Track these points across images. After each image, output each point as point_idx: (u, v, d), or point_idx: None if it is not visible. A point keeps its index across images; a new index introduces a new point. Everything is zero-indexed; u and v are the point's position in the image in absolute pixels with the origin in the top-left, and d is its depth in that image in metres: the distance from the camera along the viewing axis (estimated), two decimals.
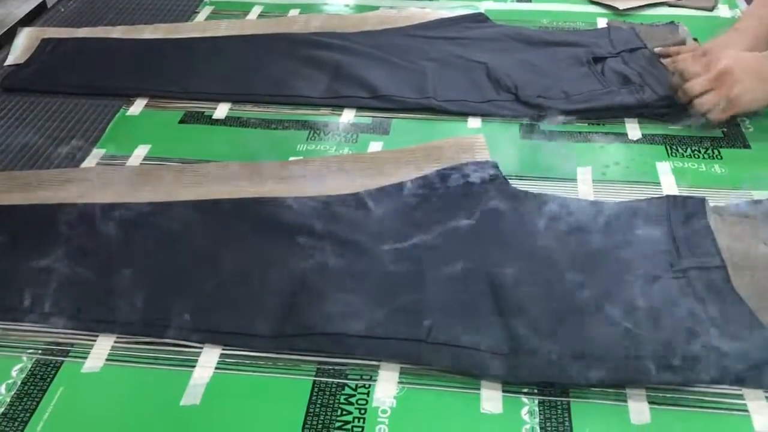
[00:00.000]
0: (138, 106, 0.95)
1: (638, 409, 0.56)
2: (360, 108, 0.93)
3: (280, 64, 1.01)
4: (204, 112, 0.93)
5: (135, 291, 0.65)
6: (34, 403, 0.57)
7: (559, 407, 0.56)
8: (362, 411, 0.56)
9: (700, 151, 0.83)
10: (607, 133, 0.87)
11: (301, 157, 0.84)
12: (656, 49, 0.97)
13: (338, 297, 0.64)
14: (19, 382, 0.59)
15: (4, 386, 0.59)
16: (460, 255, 0.67)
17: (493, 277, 0.64)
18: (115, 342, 0.62)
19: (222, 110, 0.93)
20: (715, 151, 0.83)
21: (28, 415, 0.56)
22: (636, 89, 0.89)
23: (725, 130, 0.87)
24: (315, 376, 0.59)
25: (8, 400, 0.57)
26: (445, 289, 0.64)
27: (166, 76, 1.00)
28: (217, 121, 0.92)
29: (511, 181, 0.77)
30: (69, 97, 0.96)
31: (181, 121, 0.92)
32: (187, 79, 0.99)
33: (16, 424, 0.56)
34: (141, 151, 0.86)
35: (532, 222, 0.71)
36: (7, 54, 1.06)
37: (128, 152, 0.86)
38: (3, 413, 0.56)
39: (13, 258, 0.69)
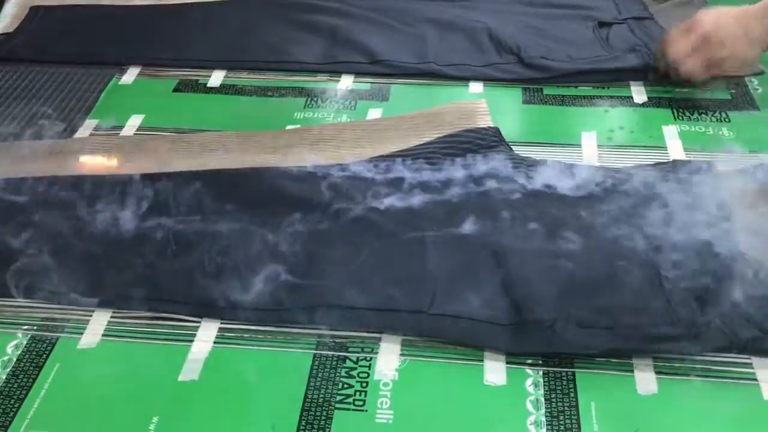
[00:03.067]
0: (131, 75, 0.93)
1: (645, 379, 0.55)
2: (358, 74, 0.91)
3: (275, 29, 0.99)
4: (198, 80, 0.91)
5: (130, 265, 0.64)
6: (30, 379, 0.56)
7: (564, 378, 0.55)
8: (364, 384, 0.55)
9: (707, 114, 0.81)
10: (611, 97, 0.85)
11: (299, 126, 0.82)
12: None
13: (338, 268, 0.63)
14: (15, 359, 0.58)
15: None
16: (462, 224, 0.66)
17: (496, 247, 0.63)
18: (111, 317, 0.61)
19: (217, 78, 0.91)
20: (723, 114, 0.81)
21: (24, 392, 0.55)
22: (642, 53, 0.87)
23: (733, 92, 0.84)
24: (315, 349, 0.58)
25: (3, 377, 0.57)
26: (447, 260, 0.63)
27: (159, 44, 0.97)
28: (212, 89, 0.90)
29: (513, 147, 0.76)
30: (60, 66, 0.94)
31: (176, 90, 0.90)
32: (181, 46, 0.96)
33: (12, 401, 0.55)
34: (135, 121, 0.84)
35: (535, 189, 0.70)
36: None
37: (122, 122, 0.84)
38: None
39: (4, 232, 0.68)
